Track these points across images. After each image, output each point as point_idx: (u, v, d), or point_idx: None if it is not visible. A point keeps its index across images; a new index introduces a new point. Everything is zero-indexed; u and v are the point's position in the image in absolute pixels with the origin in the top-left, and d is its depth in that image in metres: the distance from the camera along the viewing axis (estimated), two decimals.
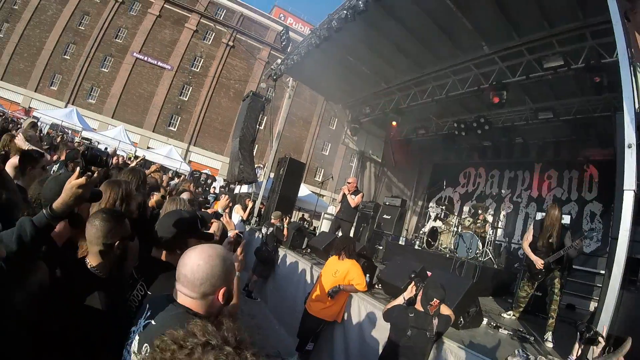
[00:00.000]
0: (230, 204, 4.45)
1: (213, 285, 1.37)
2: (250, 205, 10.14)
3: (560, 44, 6.92)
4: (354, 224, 9.66)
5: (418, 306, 3.43)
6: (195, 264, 1.38)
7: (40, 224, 1.45)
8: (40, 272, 1.51)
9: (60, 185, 1.68)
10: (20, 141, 3.80)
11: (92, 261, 1.79)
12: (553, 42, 6.96)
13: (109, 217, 1.82)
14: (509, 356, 1.33)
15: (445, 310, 3.52)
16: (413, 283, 3.54)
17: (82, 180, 1.55)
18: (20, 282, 1.41)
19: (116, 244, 1.81)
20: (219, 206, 4.24)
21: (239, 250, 2.19)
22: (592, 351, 2.06)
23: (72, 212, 1.62)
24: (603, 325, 3.09)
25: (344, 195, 8.43)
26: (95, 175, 1.60)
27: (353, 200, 8.35)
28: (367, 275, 5.26)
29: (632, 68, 3.66)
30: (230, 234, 2.74)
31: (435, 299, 3.32)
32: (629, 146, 3.30)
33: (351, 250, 4.99)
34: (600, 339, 2.03)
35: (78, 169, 1.58)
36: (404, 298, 3.55)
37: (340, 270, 4.83)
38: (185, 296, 1.38)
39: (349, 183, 8.55)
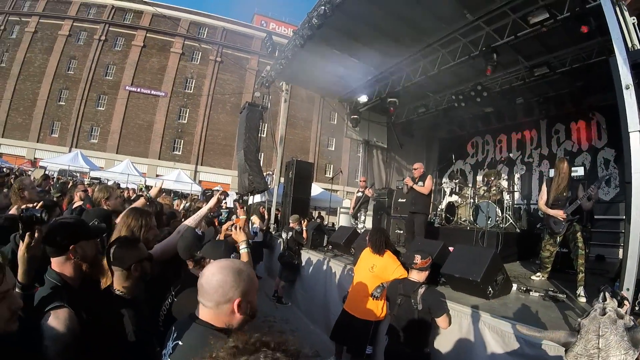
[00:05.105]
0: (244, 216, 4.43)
1: (225, 294, 1.38)
2: (265, 213, 10.21)
3: None
4: (429, 214, 8.65)
5: (411, 276, 3.57)
6: (210, 273, 1.43)
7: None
8: (68, 319, 1.58)
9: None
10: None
11: (116, 286, 1.94)
12: None
13: (123, 243, 2.03)
14: (594, 300, 1.34)
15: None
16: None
17: (25, 244, 1.65)
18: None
19: (133, 266, 1.97)
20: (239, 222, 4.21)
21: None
22: None
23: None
24: (631, 275, 3.06)
25: (411, 187, 7.52)
26: (37, 234, 1.70)
27: (423, 187, 7.40)
28: None
29: (617, 8, 3.60)
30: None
31: (416, 256, 3.50)
32: (627, 87, 3.25)
33: (388, 242, 4.69)
34: (625, 302, 2.05)
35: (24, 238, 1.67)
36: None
37: (378, 265, 4.48)
38: (204, 307, 1.42)
39: (414, 170, 7.74)
